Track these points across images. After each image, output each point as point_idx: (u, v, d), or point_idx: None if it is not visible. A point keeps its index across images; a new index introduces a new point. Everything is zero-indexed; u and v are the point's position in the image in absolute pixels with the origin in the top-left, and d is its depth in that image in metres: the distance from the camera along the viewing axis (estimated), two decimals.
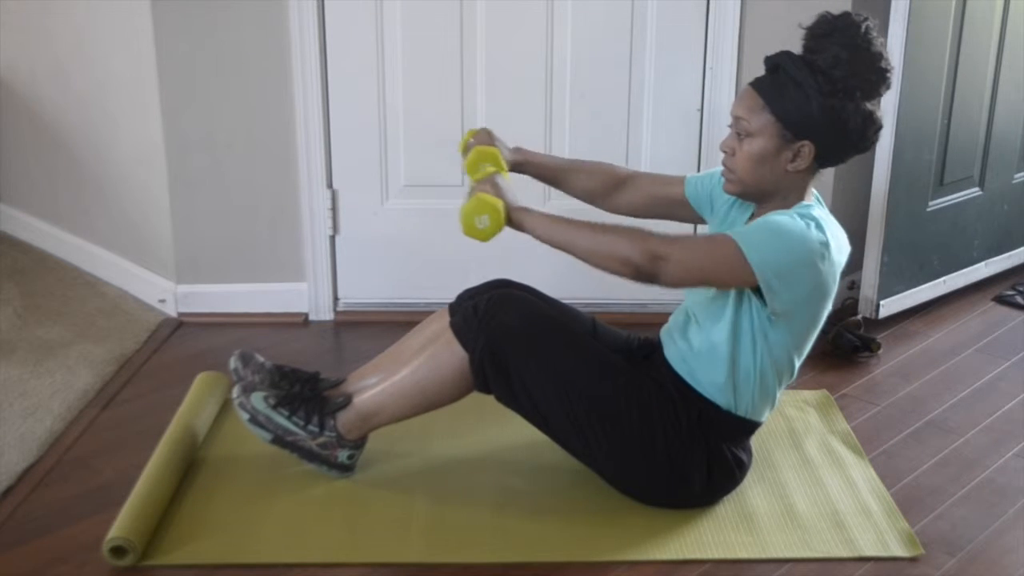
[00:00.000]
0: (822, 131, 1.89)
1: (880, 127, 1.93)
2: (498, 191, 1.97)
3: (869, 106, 1.89)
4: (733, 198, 2.07)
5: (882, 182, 2.89)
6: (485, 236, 1.94)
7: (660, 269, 1.86)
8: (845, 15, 1.89)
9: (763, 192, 1.97)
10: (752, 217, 2.03)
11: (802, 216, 1.89)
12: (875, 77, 1.89)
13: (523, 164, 2.23)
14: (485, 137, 2.19)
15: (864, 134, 1.91)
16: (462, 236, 1.96)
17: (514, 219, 1.96)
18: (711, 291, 1.98)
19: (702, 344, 2.01)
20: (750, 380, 1.99)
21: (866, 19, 1.88)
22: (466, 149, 2.17)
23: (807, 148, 1.90)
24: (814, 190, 2.01)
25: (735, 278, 1.88)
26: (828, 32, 1.87)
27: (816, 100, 1.86)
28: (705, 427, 2.01)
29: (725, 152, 1.97)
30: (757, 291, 1.90)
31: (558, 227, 1.95)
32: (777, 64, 1.92)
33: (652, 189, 2.22)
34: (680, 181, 2.20)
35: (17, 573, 1.89)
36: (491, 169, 2.06)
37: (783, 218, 1.89)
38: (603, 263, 1.91)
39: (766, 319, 1.93)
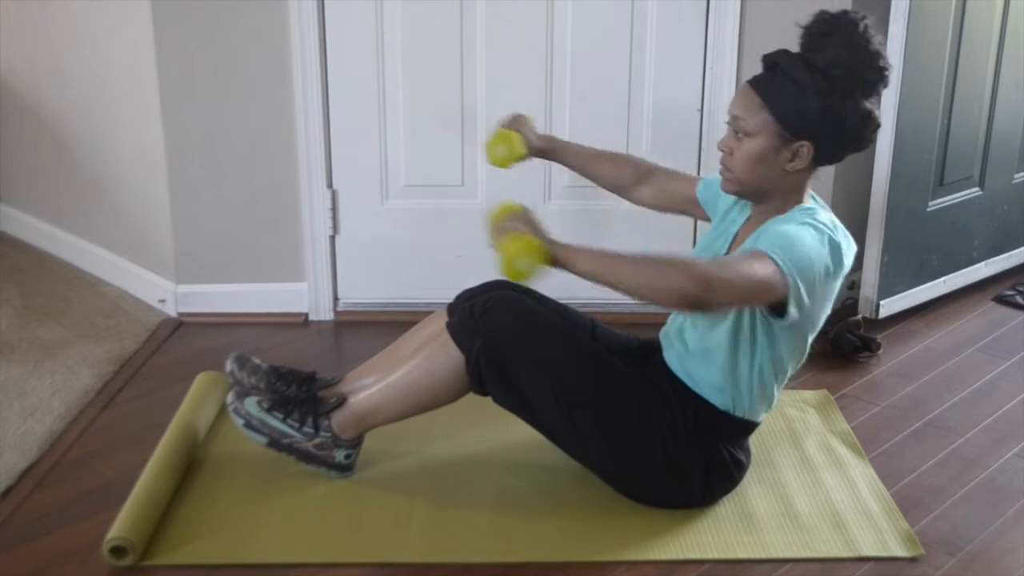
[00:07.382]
0: (820, 131, 1.87)
1: (878, 126, 1.92)
2: (536, 228, 1.86)
3: (867, 105, 1.88)
4: (734, 198, 2.07)
5: (882, 182, 2.89)
6: (526, 277, 1.84)
7: (710, 296, 1.77)
8: (843, 13, 1.87)
9: (761, 191, 1.96)
10: (751, 218, 2.03)
11: (815, 224, 1.88)
12: (874, 76, 1.88)
13: (548, 151, 2.32)
14: (512, 120, 2.30)
15: (862, 133, 1.90)
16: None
17: (557, 257, 1.83)
18: None
19: (700, 346, 2.00)
20: (749, 381, 1.98)
21: (864, 17, 1.87)
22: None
23: (806, 148, 1.89)
24: (811, 190, 2.00)
25: (774, 294, 1.82)
26: (826, 31, 1.86)
27: (814, 99, 1.85)
28: (703, 428, 2.01)
29: (723, 151, 1.96)
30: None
31: (602, 262, 1.84)
32: (775, 63, 1.90)
33: (672, 186, 2.27)
34: (695, 181, 2.24)
35: (17, 573, 1.89)
36: (501, 150, 2.17)
37: (798, 227, 1.86)
38: (654, 296, 1.80)
39: (766, 321, 1.92)
